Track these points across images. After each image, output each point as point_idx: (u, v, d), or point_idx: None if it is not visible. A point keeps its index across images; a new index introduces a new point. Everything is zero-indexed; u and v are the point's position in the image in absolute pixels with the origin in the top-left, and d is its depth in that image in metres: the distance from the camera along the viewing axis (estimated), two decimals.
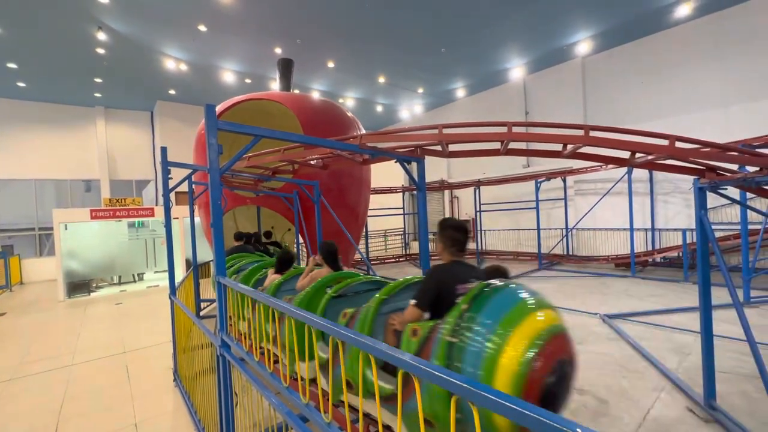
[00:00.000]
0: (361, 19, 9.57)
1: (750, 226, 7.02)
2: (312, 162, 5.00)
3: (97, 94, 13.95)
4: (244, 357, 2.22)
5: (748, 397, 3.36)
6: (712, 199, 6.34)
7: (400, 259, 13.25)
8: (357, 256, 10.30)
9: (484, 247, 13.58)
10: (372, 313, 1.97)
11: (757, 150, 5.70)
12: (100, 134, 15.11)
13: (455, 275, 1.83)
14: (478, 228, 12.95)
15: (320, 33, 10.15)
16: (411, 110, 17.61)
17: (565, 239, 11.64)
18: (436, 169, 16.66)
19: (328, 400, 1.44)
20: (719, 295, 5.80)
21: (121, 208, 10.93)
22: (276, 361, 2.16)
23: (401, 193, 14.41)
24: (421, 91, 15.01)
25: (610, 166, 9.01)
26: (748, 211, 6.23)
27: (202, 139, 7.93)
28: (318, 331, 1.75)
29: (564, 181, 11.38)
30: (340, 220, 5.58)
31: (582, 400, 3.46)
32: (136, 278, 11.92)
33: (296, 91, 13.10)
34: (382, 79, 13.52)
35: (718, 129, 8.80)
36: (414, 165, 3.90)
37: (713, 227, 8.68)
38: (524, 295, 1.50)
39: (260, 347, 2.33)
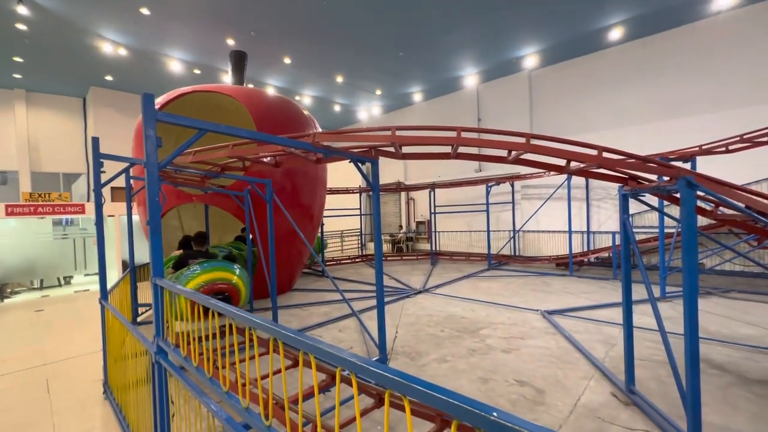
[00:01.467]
0: (319, 17, 9.45)
1: (667, 230, 7.92)
2: (265, 159, 4.84)
3: (17, 75, 12.41)
4: (182, 363, 2.09)
5: (661, 381, 3.78)
6: (638, 205, 7.06)
7: (356, 260, 13.23)
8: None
9: (438, 248, 13.98)
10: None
11: (670, 162, 6.43)
12: (19, 120, 13.44)
13: (188, 257, 5.02)
14: (433, 229, 13.30)
15: (276, 27, 9.87)
16: (369, 111, 17.68)
17: (512, 241, 12.33)
18: (393, 171, 16.88)
19: (268, 403, 1.40)
20: (642, 291, 6.50)
21: (45, 203, 9.79)
22: (218, 367, 2.06)
23: (358, 194, 14.41)
24: (379, 93, 15.13)
25: (551, 172, 9.72)
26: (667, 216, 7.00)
27: (141, 131, 7.35)
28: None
29: (512, 185, 12.07)
30: (294, 219, 5.44)
31: (522, 391, 3.68)
32: (62, 282, 10.74)
33: (250, 86, 12.60)
34: (340, 79, 13.45)
35: (642, 142, 9.83)
36: (368, 166, 3.93)
37: (639, 230, 9.70)
38: (210, 266, 4.80)
39: (200, 352, 2.21)
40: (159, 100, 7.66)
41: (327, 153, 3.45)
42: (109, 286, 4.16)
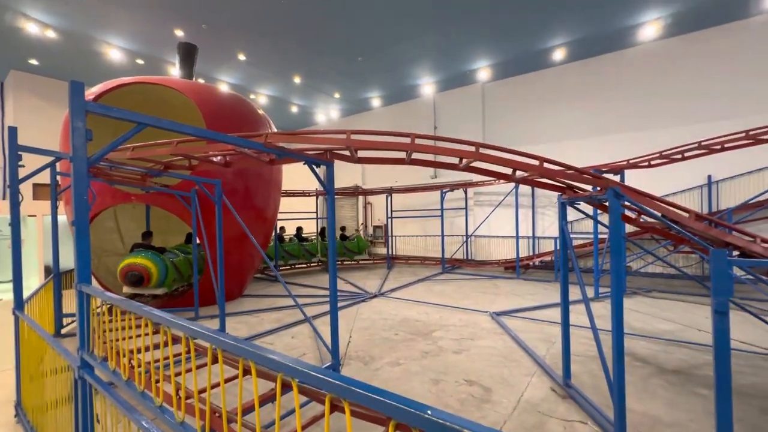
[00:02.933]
0: (277, 15, 9.22)
1: (602, 236, 8.67)
2: (214, 159, 4.60)
3: None
4: (111, 377, 1.91)
5: (594, 374, 4.11)
6: (577, 213, 7.61)
7: (312, 265, 12.97)
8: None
9: (394, 252, 14.13)
10: None
11: (602, 174, 7.06)
12: None
13: (135, 247, 6.91)
14: (390, 234, 13.43)
15: (230, 22, 9.47)
16: (328, 114, 17.52)
17: (465, 245, 12.80)
18: (351, 175, 16.82)
19: (206, 416, 1.32)
20: (579, 292, 7.05)
21: None
22: (155, 380, 1.90)
23: (315, 197, 14.18)
24: (337, 96, 15.06)
25: (500, 180, 10.25)
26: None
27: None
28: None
29: (465, 192, 12.55)
30: (245, 222, 5.21)
31: (470, 391, 3.81)
32: None
33: (200, 81, 11.95)
34: (297, 79, 13.20)
35: (580, 155, 10.69)
36: (323, 168, 3.88)
37: (578, 236, 10.50)
38: (132, 254, 6.57)
39: (130, 363, 2.03)
40: (94, 90, 7.02)
41: (280, 154, 3.35)
42: (27, 294, 3.69)
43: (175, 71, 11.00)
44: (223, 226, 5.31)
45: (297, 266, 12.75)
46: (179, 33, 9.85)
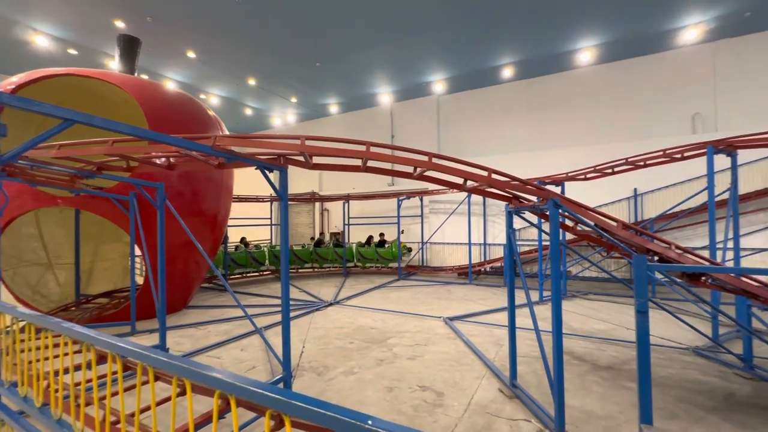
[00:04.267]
0: (230, 13, 8.90)
1: (545, 243, 9.28)
2: (157, 161, 4.29)
3: None
4: (21, 405, 1.68)
5: (538, 374, 4.35)
6: (524, 221, 8.02)
7: (265, 273, 12.49)
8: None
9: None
10: None
11: (545, 186, 7.57)
12: None
13: None
14: (347, 241, 13.33)
15: (178, 17, 8.98)
16: (284, 118, 17.14)
17: (420, 252, 13.06)
18: (308, 180, 16.53)
19: None
20: (532, 296, 7.47)
21: None
22: (78, 404, 1.70)
23: (269, 203, 13.73)
24: (294, 100, 14.80)
25: (452, 189, 10.63)
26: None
27: None
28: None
29: (421, 200, 12.84)
30: (192, 228, 4.89)
31: (424, 396, 3.86)
32: None
33: (144, 77, 11.16)
34: (252, 81, 12.79)
35: (526, 167, 11.41)
36: (277, 174, 3.78)
37: (525, 243, 11.13)
38: None
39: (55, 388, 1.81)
40: (15, 80, 6.27)
41: (230, 158, 3.21)
42: None
43: (114, 65, 10.18)
44: (166, 233, 4.95)
45: (248, 275, 12.20)
46: (120, 24, 9.15)
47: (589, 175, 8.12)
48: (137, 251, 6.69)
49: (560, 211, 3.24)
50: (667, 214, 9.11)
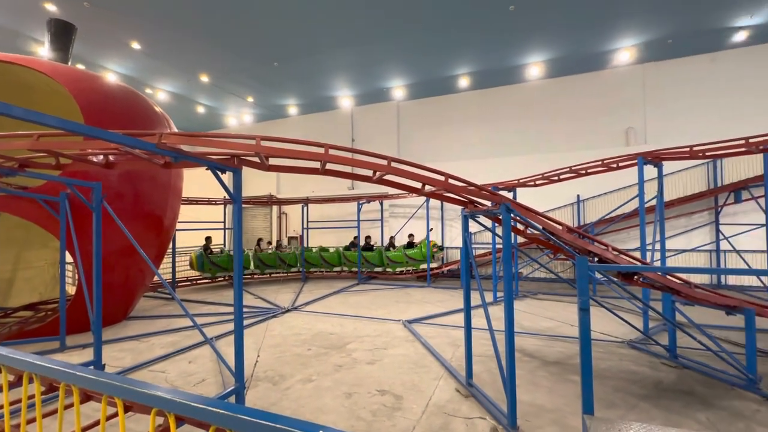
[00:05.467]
0: (179, 5, 8.41)
1: (499, 245, 9.69)
2: (94, 159, 3.92)
3: None
4: None
5: (492, 372, 4.51)
6: (479, 225, 8.30)
7: (218, 279, 11.86)
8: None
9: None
10: None
11: (498, 191, 7.92)
12: None
13: None
14: (305, 245, 13.05)
15: (120, 3, 8.31)
16: (240, 118, 16.49)
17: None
18: (265, 183, 16.00)
19: None
20: (486, 297, 7.75)
21: None
22: None
23: (223, 206, 13.09)
24: (251, 99, 14.30)
25: (411, 193, 10.83)
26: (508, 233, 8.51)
27: None
28: None
29: (381, 204, 12.91)
30: (135, 232, 4.50)
31: (383, 400, 3.85)
32: None
33: (80, 67, 10.21)
34: (205, 78, 12.17)
35: (482, 173, 11.89)
36: (230, 175, 3.61)
37: (481, 246, 11.56)
38: None
39: None
40: None
41: (177, 157, 3.01)
42: None
43: (44, 52, 9.22)
44: (103, 238, 4.53)
45: (199, 281, 11.51)
46: (50, 7, 8.30)
47: (538, 182, 8.64)
48: (68, 258, 6.05)
49: (512, 215, 3.40)
50: (606, 218, 9.93)
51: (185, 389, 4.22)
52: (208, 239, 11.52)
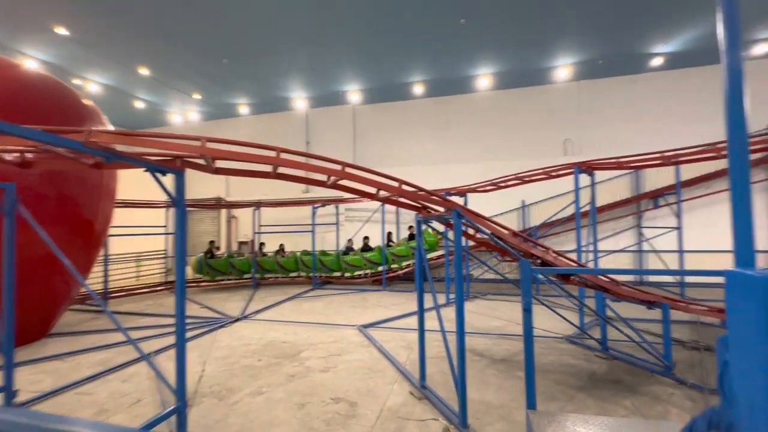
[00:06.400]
0: None
1: (451, 249, 10.00)
2: (6, 157, 3.45)
3: None
4: None
5: (445, 373, 4.62)
6: (432, 229, 8.46)
7: (158, 288, 10.98)
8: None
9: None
10: None
11: (451, 197, 8.21)
12: None
13: None
14: (257, 250, 12.52)
15: None
16: (185, 116, 15.49)
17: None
18: (213, 185, 15.15)
19: None
20: (439, 299, 7.94)
21: None
22: None
23: (165, 209, 12.17)
24: (198, 97, 13.50)
25: (366, 198, 10.87)
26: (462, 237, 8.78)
27: None
28: None
29: (336, 208, 12.79)
30: (60, 239, 4.00)
31: (337, 409, 3.79)
32: None
33: None
34: (145, 71, 11.28)
35: (436, 178, 12.24)
36: (172, 177, 3.36)
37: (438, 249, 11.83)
38: None
39: None
40: None
41: (109, 157, 2.74)
42: None
43: None
44: (19, 245, 3.98)
45: (136, 291, 10.58)
46: None
47: (487, 188, 9.09)
48: None
49: (462, 220, 3.53)
50: (547, 222, 10.68)
51: (116, 411, 3.84)
52: (212, 243, 12.25)
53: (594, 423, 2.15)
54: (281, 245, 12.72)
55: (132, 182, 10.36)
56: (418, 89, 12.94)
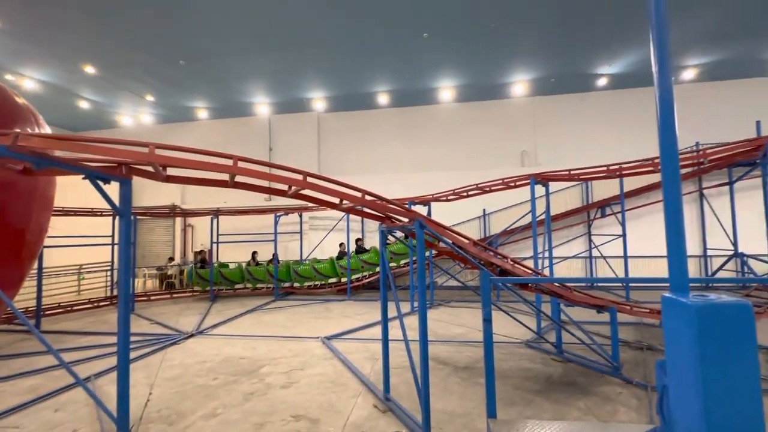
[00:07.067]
0: None
1: (415, 257, 10.09)
2: None
3: None
4: None
5: (409, 383, 4.59)
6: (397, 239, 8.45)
7: (101, 304, 10.11)
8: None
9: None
10: None
11: (414, 205, 8.31)
12: None
13: None
14: (215, 261, 11.93)
15: None
16: (137, 118, 14.56)
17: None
18: (167, 192, 14.30)
19: None
20: (404, 308, 7.94)
21: None
22: None
23: (111, 218, 11.27)
24: (151, 98, 12.75)
25: (328, 208, 10.74)
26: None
27: None
28: None
29: (300, 216, 12.52)
30: None
31: (298, 427, 3.64)
32: None
33: None
34: (90, 69, 10.49)
35: (401, 187, 12.35)
36: (117, 186, 3.11)
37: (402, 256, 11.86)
38: None
39: None
40: None
41: (40, 162, 2.48)
42: None
43: None
44: None
45: (76, 308, 9.66)
46: None
47: (450, 197, 9.31)
48: None
49: (425, 230, 3.57)
50: (507, 230, 11.11)
51: None
52: (201, 252, 12.38)
53: (550, 428, 2.22)
54: (254, 253, 12.29)
55: (75, 188, 9.53)
56: (383, 99, 13.09)
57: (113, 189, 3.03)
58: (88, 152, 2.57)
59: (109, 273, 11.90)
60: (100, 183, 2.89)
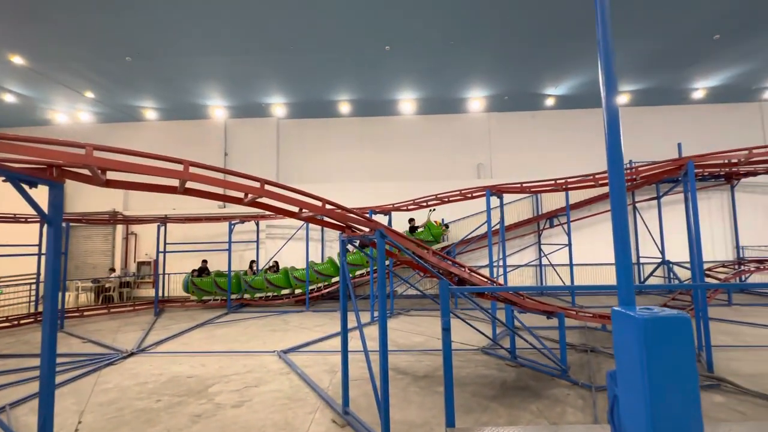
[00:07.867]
0: None
1: (376, 266, 10.08)
2: None
3: None
4: None
5: (369, 395, 4.51)
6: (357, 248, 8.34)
7: (23, 321, 8.98)
8: None
9: (167, 293, 11.71)
10: None
11: (375, 214, 8.33)
12: None
13: None
14: (161, 272, 11.10)
15: None
16: (73, 116, 13.32)
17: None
18: (107, 197, 13.11)
19: None
20: (364, 317, 7.84)
21: None
22: None
23: (39, 225, 10.12)
24: (90, 95, 11.74)
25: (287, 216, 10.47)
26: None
27: None
28: None
29: (257, 224, 12.06)
30: None
31: None
32: None
33: None
34: (18, 60, 9.47)
35: (362, 196, 12.33)
36: (47, 189, 2.79)
37: (361, 266, 11.79)
38: None
39: None
40: None
41: None
42: None
43: None
44: None
45: None
46: None
47: (410, 207, 9.45)
48: None
49: (386, 240, 3.57)
50: (465, 240, 11.47)
51: None
52: (204, 262, 11.59)
53: None
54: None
55: None
56: (345, 108, 13.10)
57: (41, 193, 2.70)
58: (11, 152, 2.26)
59: (34, 286, 10.61)
60: (25, 186, 2.57)
